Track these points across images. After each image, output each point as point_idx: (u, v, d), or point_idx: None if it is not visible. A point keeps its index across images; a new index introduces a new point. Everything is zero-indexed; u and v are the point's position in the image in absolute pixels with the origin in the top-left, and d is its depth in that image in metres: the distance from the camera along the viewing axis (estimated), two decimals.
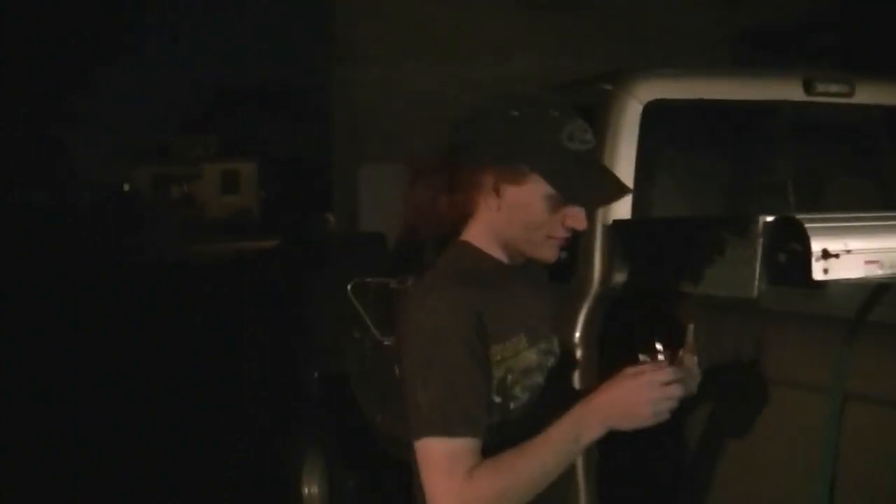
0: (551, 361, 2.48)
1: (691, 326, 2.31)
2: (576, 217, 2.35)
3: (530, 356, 2.39)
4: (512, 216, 2.34)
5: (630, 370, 2.17)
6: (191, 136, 61.14)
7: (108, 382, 10.92)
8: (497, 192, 2.33)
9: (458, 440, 2.17)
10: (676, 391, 2.15)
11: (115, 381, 11.00)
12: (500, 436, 2.25)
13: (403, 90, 17.90)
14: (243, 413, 9.17)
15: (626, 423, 2.15)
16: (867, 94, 4.24)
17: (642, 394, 2.13)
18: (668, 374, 2.15)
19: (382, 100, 17.99)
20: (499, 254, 2.41)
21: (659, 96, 3.82)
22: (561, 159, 2.29)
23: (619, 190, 2.41)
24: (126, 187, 56.88)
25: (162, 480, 7.53)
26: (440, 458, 2.18)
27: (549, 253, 2.39)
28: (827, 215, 3.12)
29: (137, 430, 8.80)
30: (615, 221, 3.65)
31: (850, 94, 4.18)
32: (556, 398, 2.42)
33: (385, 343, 5.34)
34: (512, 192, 2.32)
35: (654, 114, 3.77)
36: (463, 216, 2.42)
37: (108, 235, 35.39)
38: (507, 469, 2.17)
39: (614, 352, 3.44)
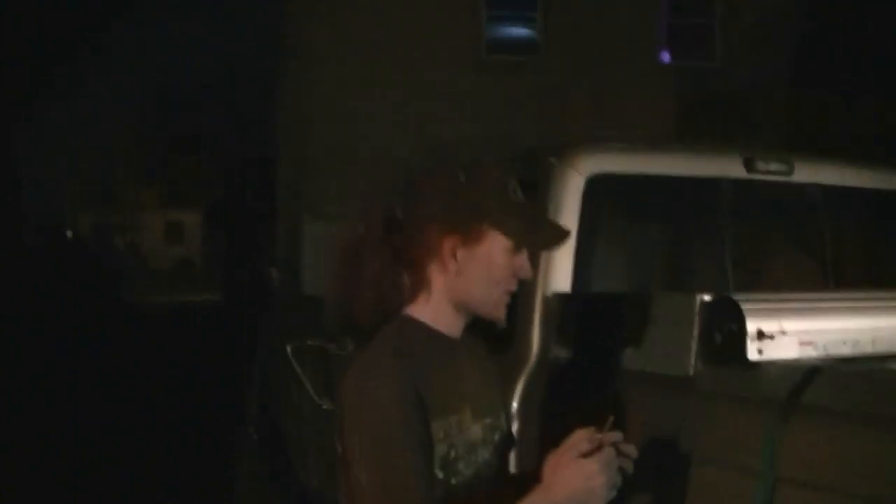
0: (497, 436, 2.46)
1: (626, 405, 2.32)
2: (524, 267, 2.38)
3: (475, 431, 2.37)
4: (473, 276, 2.34)
5: (574, 452, 2.15)
6: (135, 184, 60.77)
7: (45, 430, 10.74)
8: (454, 255, 2.33)
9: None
10: (617, 470, 2.16)
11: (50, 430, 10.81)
12: None
13: (352, 148, 17.95)
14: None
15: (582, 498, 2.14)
16: (806, 173, 4.30)
17: (595, 477, 2.12)
18: (610, 453, 2.15)
19: (331, 156, 18.02)
20: (446, 326, 2.40)
21: (602, 170, 3.85)
22: (512, 212, 2.35)
23: (564, 233, 2.50)
24: (69, 234, 56.36)
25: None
26: None
27: (503, 311, 2.40)
28: (763, 295, 3.15)
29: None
30: (555, 294, 3.67)
31: (789, 173, 4.24)
32: (501, 473, 2.42)
33: (323, 407, 5.31)
34: (471, 253, 2.33)
35: (597, 187, 3.80)
36: (416, 289, 2.40)
37: (50, 281, 34.94)
38: None
39: (552, 425, 3.43)
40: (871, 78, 15.09)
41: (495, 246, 2.34)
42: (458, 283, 2.35)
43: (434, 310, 2.38)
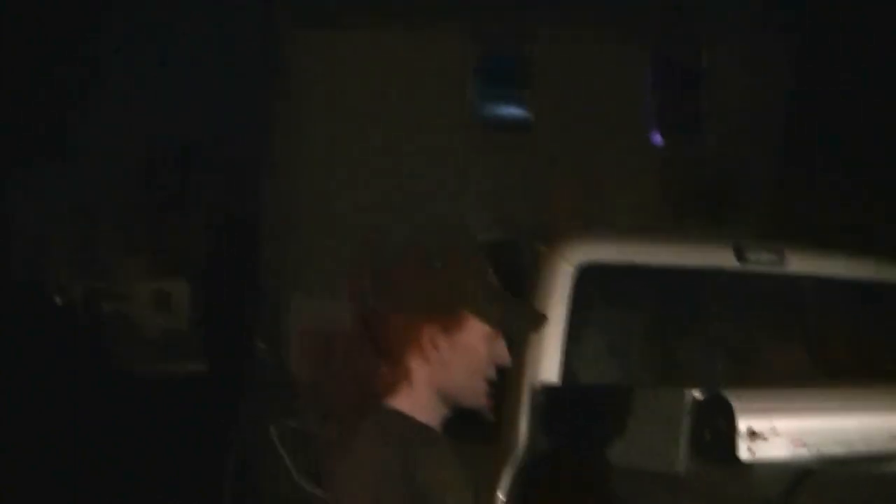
0: None
1: None
2: (502, 354, 2.33)
3: None
4: (456, 366, 2.29)
5: None
6: (122, 253, 60.71)
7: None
8: (435, 345, 2.28)
9: None
10: None
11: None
12: None
13: (338, 226, 17.92)
14: None
15: None
16: (798, 264, 4.27)
17: None
18: None
19: (318, 233, 17.99)
20: (428, 417, 2.34)
21: (591, 260, 3.81)
22: (490, 298, 2.31)
23: (542, 318, 2.52)
24: (58, 301, 56.14)
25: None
26: None
27: (485, 399, 2.34)
28: (755, 392, 3.10)
29: None
30: (542, 385, 3.61)
31: (780, 263, 4.21)
32: None
33: (306, 489, 5.24)
34: (452, 342, 2.28)
35: (586, 277, 3.76)
36: (396, 380, 2.34)
37: (42, 348, 34.78)
38: None
39: None
40: (866, 162, 15.16)
41: (475, 333, 2.30)
42: (441, 373, 2.30)
43: (416, 401, 2.32)
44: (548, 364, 3.64)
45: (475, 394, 2.33)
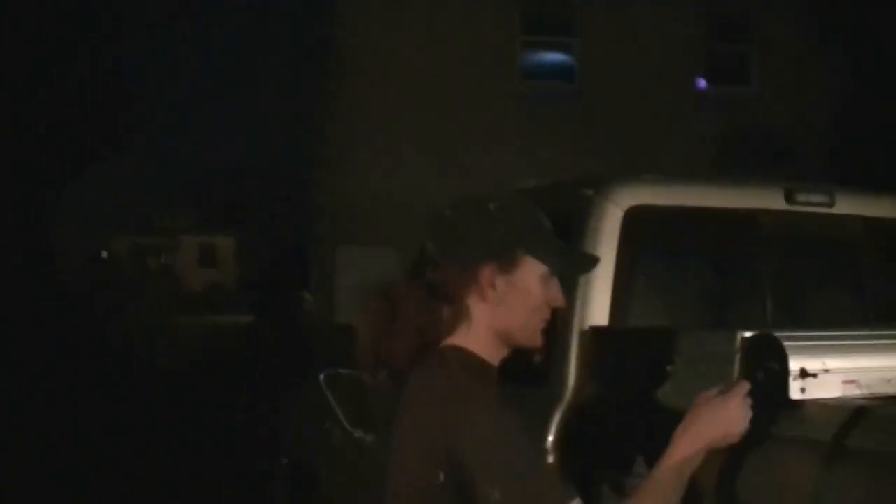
0: None
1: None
2: (557, 296, 2.38)
3: None
4: (513, 305, 2.34)
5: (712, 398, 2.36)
6: (170, 208, 61.15)
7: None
8: (493, 285, 2.32)
9: (575, 501, 2.23)
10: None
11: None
12: None
13: (388, 174, 17.94)
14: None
15: (723, 441, 2.34)
16: (847, 205, 4.24)
17: (735, 412, 2.33)
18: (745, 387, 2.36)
19: (366, 182, 18.02)
20: (490, 356, 2.39)
21: (639, 202, 3.80)
22: (545, 240, 2.37)
23: (594, 259, 2.59)
24: (104, 254, 56.72)
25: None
26: None
27: (539, 338, 2.41)
28: (805, 333, 3.08)
29: None
30: (592, 327, 3.61)
31: (830, 205, 4.18)
32: None
33: (355, 436, 5.27)
34: (510, 281, 2.33)
35: (635, 220, 3.75)
36: (455, 322, 2.39)
37: (86, 302, 35.19)
38: None
39: (587, 458, 3.39)
40: None
41: (531, 273, 2.35)
42: (499, 312, 2.35)
43: (477, 341, 2.37)
44: (597, 307, 3.64)
45: (532, 334, 2.39)
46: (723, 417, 2.32)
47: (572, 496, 2.22)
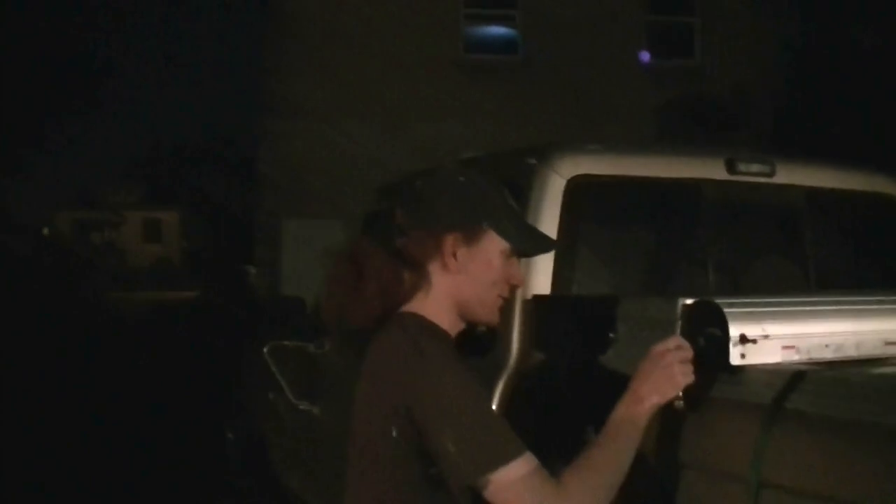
0: None
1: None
2: (516, 274, 2.46)
3: None
4: (473, 276, 2.40)
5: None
6: (114, 184, 60.55)
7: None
8: (454, 254, 2.38)
9: (524, 457, 2.22)
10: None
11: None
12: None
13: (332, 146, 17.88)
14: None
15: (670, 391, 2.43)
16: (788, 175, 4.28)
17: (673, 366, 2.43)
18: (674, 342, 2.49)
19: (310, 155, 17.95)
20: (447, 325, 2.44)
21: (582, 172, 3.82)
22: (509, 216, 2.44)
23: (553, 241, 2.69)
24: (45, 231, 56.09)
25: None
26: (519, 481, 2.21)
27: (496, 315, 2.48)
28: (745, 299, 3.11)
29: None
30: (535, 296, 3.63)
31: (771, 174, 4.22)
32: None
33: (300, 407, 5.27)
34: (471, 253, 2.39)
35: (577, 189, 3.77)
36: (415, 288, 2.44)
37: (32, 280, 34.86)
38: (588, 466, 2.27)
39: (531, 425, 3.40)
40: (855, 78, 15.13)
41: (492, 246, 2.41)
42: (459, 281, 2.41)
43: (435, 308, 2.43)
44: (540, 276, 3.66)
45: (489, 309, 2.46)
46: (658, 375, 2.39)
47: (525, 449, 2.24)
